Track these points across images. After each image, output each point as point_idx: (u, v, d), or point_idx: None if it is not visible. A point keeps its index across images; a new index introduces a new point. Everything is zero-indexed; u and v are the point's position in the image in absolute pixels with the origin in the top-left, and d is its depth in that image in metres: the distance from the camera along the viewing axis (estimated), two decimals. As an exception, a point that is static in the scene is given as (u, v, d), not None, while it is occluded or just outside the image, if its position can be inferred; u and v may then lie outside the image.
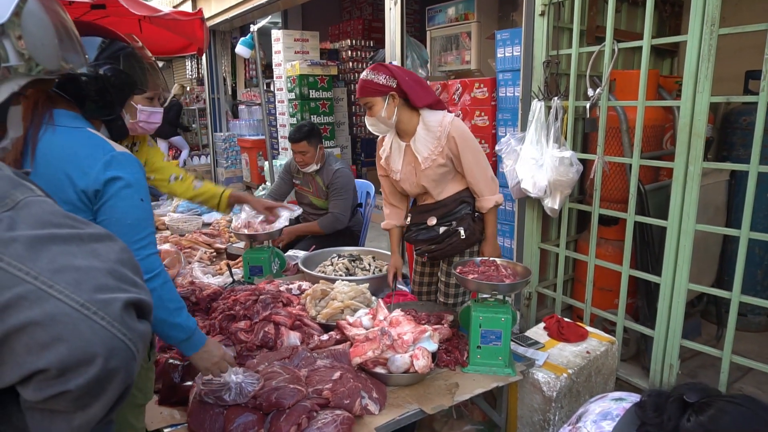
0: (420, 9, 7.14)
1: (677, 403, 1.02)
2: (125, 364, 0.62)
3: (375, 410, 1.60)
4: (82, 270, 0.62)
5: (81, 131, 1.28)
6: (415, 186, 2.32)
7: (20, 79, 0.75)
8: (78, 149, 1.25)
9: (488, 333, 1.86)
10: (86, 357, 0.59)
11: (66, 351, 0.58)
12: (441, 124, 2.18)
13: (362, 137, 7.85)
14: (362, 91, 2.15)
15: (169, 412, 1.65)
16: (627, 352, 2.88)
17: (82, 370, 0.59)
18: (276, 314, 1.97)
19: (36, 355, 0.58)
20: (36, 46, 0.75)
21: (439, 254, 2.34)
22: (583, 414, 1.23)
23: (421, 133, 2.22)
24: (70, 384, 0.58)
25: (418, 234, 2.36)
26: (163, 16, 3.71)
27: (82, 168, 1.23)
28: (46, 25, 0.77)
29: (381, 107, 2.14)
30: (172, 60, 12.19)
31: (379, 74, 2.13)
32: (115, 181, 1.25)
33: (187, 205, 4.45)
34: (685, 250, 2.36)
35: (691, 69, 2.24)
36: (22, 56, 0.73)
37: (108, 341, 0.60)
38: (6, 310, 0.58)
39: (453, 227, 2.27)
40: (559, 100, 2.81)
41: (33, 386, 0.59)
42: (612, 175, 2.90)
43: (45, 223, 0.64)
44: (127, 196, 1.27)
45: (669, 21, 3.56)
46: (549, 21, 2.86)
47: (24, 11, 0.72)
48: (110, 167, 1.25)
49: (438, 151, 2.19)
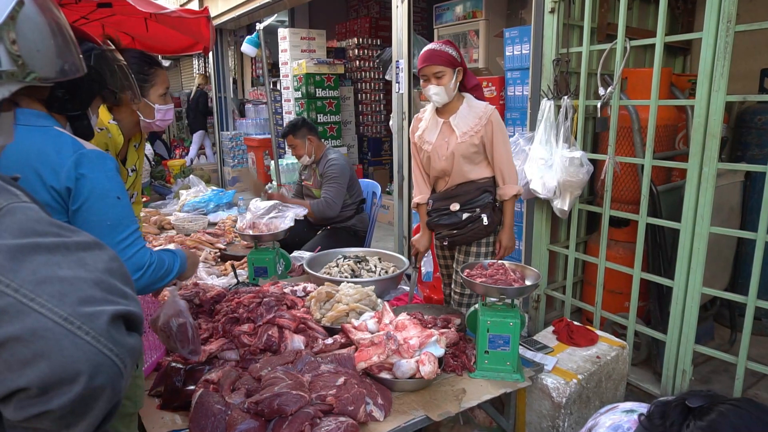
0: (427, 7, 7.08)
1: (680, 409, 1.03)
2: (111, 382, 0.59)
3: (380, 417, 1.57)
4: (67, 281, 0.59)
5: (48, 130, 1.26)
6: (443, 159, 2.40)
7: (12, 85, 0.71)
8: (46, 147, 1.22)
9: (496, 338, 1.81)
10: (69, 375, 0.55)
11: (47, 369, 0.55)
12: (485, 108, 2.36)
13: (369, 136, 7.81)
14: (435, 59, 2.25)
15: (171, 416, 1.62)
16: (638, 357, 2.83)
17: (65, 388, 0.55)
18: (280, 317, 1.94)
19: (17, 372, 0.55)
20: (31, 52, 0.71)
21: (460, 240, 2.45)
22: (593, 427, 1.20)
23: (464, 111, 2.36)
24: (53, 404, 0.55)
25: (440, 219, 2.47)
26: (169, 14, 3.69)
27: (52, 166, 1.21)
28: (43, 31, 0.73)
29: (450, 78, 2.28)
30: (180, 59, 12.22)
31: (451, 48, 2.29)
32: (86, 180, 1.23)
33: (193, 204, 4.44)
34: (699, 253, 2.31)
35: (706, 67, 2.18)
36: (16, 61, 0.70)
37: (93, 357, 0.57)
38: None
39: (477, 213, 2.37)
40: (569, 99, 2.76)
41: (14, 405, 0.56)
42: (623, 175, 2.84)
43: (28, 232, 0.61)
44: (102, 196, 1.25)
45: (682, 18, 3.49)
46: (559, 18, 2.81)
47: (20, 15, 0.69)
48: (81, 165, 1.23)
49: (476, 129, 2.33)
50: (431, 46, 2.32)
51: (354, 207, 3.63)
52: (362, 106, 7.78)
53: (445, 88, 2.28)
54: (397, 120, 3.85)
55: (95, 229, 1.22)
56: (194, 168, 8.08)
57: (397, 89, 3.80)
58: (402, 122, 3.80)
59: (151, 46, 4.69)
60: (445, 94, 2.30)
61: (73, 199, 1.22)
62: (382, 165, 7.71)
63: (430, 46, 2.32)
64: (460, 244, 2.49)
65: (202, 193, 4.67)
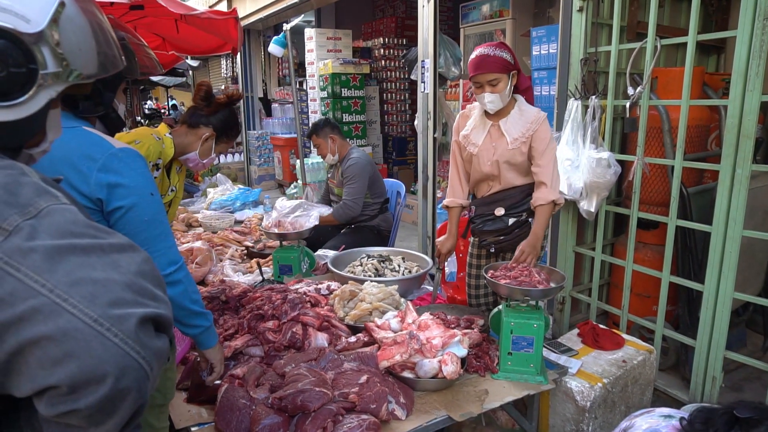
0: (453, 6, 7.04)
1: (726, 418, 0.99)
2: (137, 384, 0.60)
3: (402, 416, 1.57)
4: (99, 283, 0.61)
5: (76, 131, 1.25)
6: (487, 164, 2.27)
7: (58, 85, 0.74)
8: (73, 151, 1.22)
9: (520, 339, 1.80)
10: (96, 376, 0.57)
11: (77, 368, 0.57)
12: (537, 114, 2.22)
13: (394, 136, 7.81)
14: (490, 65, 2.11)
15: (197, 410, 1.65)
16: (666, 362, 2.77)
17: (92, 388, 0.57)
18: (304, 315, 1.96)
19: (48, 370, 0.57)
20: (74, 52, 0.74)
21: (507, 246, 2.33)
22: (628, 428, 1.18)
23: (515, 116, 2.23)
24: (80, 403, 0.57)
25: (484, 225, 2.34)
26: (198, 15, 3.76)
27: (80, 171, 1.21)
28: (84, 30, 0.75)
29: (506, 85, 2.14)
30: (208, 59, 12.42)
31: (505, 51, 2.14)
32: (118, 190, 1.22)
33: (220, 202, 4.52)
34: (731, 257, 2.25)
35: (740, 66, 2.12)
36: (61, 62, 0.72)
37: (120, 360, 0.58)
38: (20, 323, 0.57)
39: (524, 218, 2.27)
40: (596, 98, 2.72)
41: (45, 401, 0.58)
42: (652, 177, 2.79)
43: (65, 233, 0.63)
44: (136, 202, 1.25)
45: (715, 15, 3.40)
46: (588, 17, 2.77)
47: (62, 16, 0.71)
48: (109, 170, 1.22)
49: (528, 135, 2.19)
50: (483, 50, 2.14)
51: (378, 206, 3.64)
52: (387, 106, 7.79)
53: (500, 95, 2.13)
54: (422, 120, 3.84)
55: (133, 227, 1.24)
56: (221, 166, 8.21)
57: (423, 89, 3.79)
58: (427, 122, 3.79)
59: (181, 47, 4.80)
60: (500, 101, 2.15)
61: (106, 206, 1.24)
62: (406, 165, 7.71)
63: (481, 51, 2.14)
64: (507, 251, 2.35)
65: (229, 191, 4.74)
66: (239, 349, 1.86)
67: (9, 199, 0.62)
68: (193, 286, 1.41)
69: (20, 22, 0.67)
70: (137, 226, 1.24)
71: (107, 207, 1.23)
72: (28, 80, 0.69)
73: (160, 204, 1.32)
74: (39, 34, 0.69)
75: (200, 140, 1.99)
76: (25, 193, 0.64)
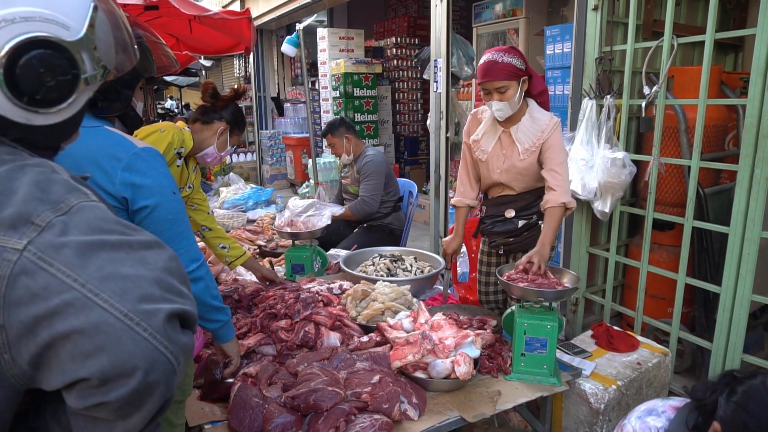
0: (466, 5, 7.01)
1: (726, 380, 1.09)
2: (165, 378, 0.61)
3: (414, 416, 1.57)
4: (129, 278, 0.62)
5: (99, 130, 1.28)
6: (497, 172, 2.23)
7: (95, 86, 0.76)
8: (98, 150, 1.24)
9: (533, 340, 1.79)
10: (126, 369, 0.58)
11: (107, 362, 0.58)
12: (549, 120, 2.13)
13: (406, 135, 7.80)
14: (498, 72, 2.03)
15: (210, 408, 1.66)
16: (681, 365, 2.73)
17: (122, 381, 0.58)
18: (317, 314, 1.96)
19: (79, 363, 0.58)
20: (107, 52, 0.76)
21: (516, 247, 2.30)
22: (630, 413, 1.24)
23: (526, 123, 2.15)
24: (110, 395, 0.58)
25: (494, 226, 2.32)
26: (212, 16, 3.79)
27: (105, 170, 1.23)
28: (113, 29, 0.77)
29: (515, 92, 2.05)
30: (221, 59, 12.50)
31: (514, 57, 2.05)
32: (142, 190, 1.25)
33: (233, 201, 4.54)
34: (749, 259, 2.21)
35: (760, 65, 2.09)
36: (98, 64, 0.74)
37: (149, 354, 0.59)
38: (53, 316, 0.58)
39: (533, 221, 2.24)
40: (611, 98, 2.69)
41: (75, 393, 0.59)
42: (668, 177, 2.75)
43: (96, 229, 0.64)
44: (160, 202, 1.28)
45: (734, 13, 3.34)
46: (602, 15, 2.74)
47: (97, 20, 0.73)
48: (133, 170, 1.25)
49: (539, 143, 2.12)
50: (491, 55, 2.05)
51: (391, 205, 3.65)
52: (399, 106, 7.78)
53: (509, 102, 2.06)
54: (434, 119, 3.83)
55: (158, 225, 1.27)
56: (234, 166, 8.26)
57: (435, 88, 3.78)
58: (439, 121, 3.78)
59: (194, 47, 4.83)
60: (509, 108, 2.08)
61: (132, 205, 1.27)
62: (418, 164, 7.70)
63: (490, 56, 2.05)
64: (516, 252, 2.33)
65: (242, 190, 4.77)
66: (252, 347, 1.87)
67: (41, 196, 0.63)
68: (213, 282, 1.46)
69: (63, 30, 0.69)
70: (162, 225, 1.27)
71: (133, 206, 1.26)
72: (72, 85, 0.72)
73: (182, 203, 1.35)
74: (80, 41, 0.71)
75: (215, 135, 2.08)
76: (56, 190, 0.65)
